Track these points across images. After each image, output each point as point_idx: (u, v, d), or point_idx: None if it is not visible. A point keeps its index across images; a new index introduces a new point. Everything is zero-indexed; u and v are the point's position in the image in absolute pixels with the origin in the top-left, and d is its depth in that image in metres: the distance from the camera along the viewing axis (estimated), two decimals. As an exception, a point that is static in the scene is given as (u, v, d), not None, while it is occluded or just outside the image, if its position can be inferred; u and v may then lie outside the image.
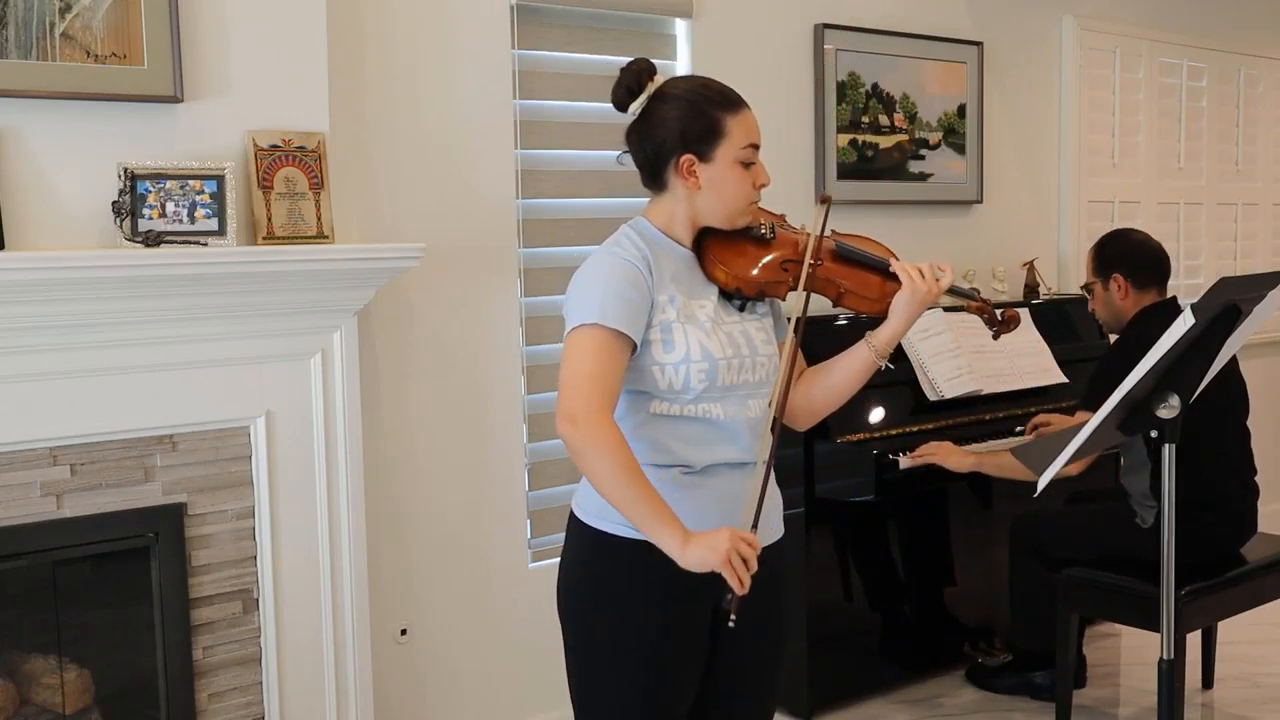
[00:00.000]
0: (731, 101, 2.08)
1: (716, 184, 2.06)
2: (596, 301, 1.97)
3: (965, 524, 4.13)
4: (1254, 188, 5.74)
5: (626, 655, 2.06)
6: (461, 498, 3.42)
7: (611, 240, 2.09)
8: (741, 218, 2.11)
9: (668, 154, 2.06)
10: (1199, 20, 5.37)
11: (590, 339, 1.96)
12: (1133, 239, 3.67)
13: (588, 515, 2.10)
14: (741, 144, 2.06)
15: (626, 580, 2.05)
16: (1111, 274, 3.60)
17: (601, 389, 1.93)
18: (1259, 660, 4.21)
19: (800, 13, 4.05)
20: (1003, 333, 2.30)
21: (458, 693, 3.45)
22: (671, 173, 2.08)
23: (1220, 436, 3.52)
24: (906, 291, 2.12)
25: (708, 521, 2.01)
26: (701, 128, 2.05)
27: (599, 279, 2.01)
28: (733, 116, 2.06)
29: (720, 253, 2.11)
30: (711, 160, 2.05)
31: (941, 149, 4.45)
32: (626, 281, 2.00)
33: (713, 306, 2.09)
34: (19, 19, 2.53)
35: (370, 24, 3.18)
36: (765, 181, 2.10)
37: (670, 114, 2.06)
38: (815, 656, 3.72)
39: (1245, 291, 2.40)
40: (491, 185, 3.41)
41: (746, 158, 2.07)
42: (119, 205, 2.62)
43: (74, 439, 2.63)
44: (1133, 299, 3.57)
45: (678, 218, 2.10)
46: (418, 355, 3.32)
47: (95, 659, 2.80)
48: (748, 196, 2.09)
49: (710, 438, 2.05)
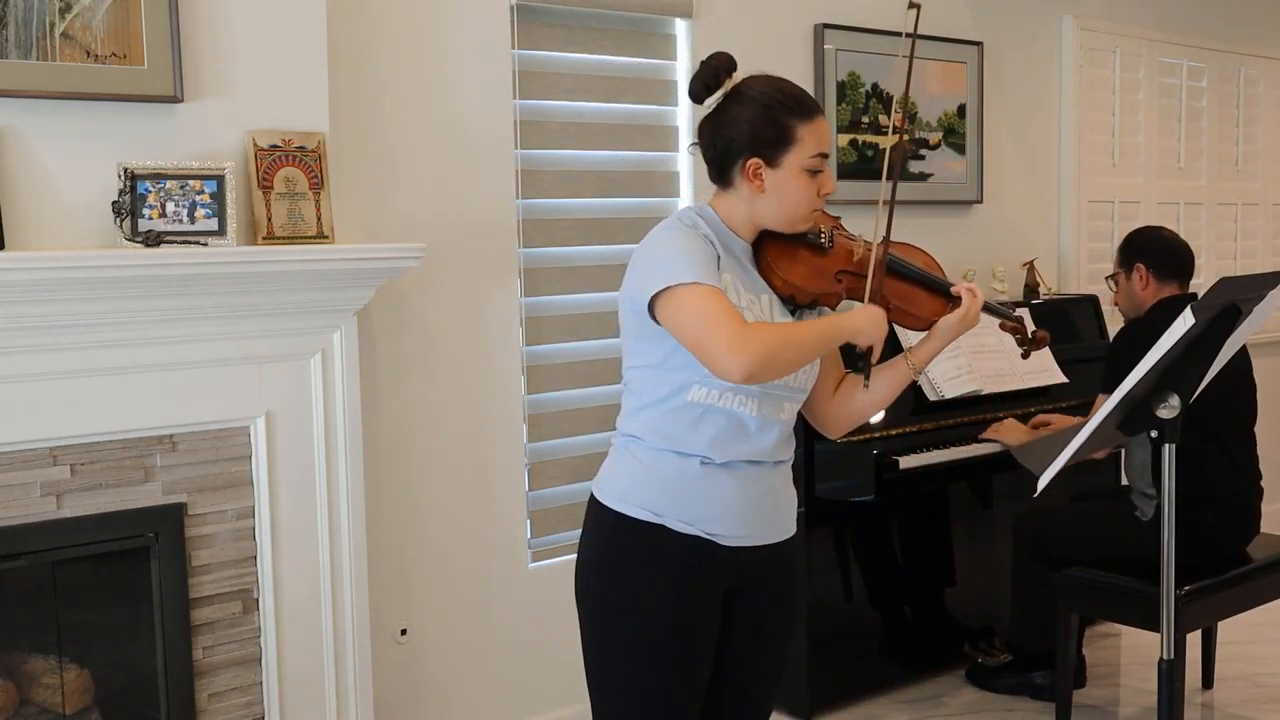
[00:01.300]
0: (806, 109, 2.06)
1: (781, 190, 2.06)
2: (676, 265, 1.97)
3: (965, 524, 4.13)
4: (1254, 188, 5.74)
5: (640, 637, 2.07)
6: (461, 498, 3.42)
7: (676, 217, 2.09)
8: (802, 224, 2.11)
9: (736, 154, 2.06)
10: (1199, 20, 5.37)
11: (692, 296, 1.95)
12: (1160, 234, 3.75)
13: (608, 498, 2.11)
14: (811, 152, 2.05)
15: (642, 563, 2.07)
16: (1135, 264, 3.65)
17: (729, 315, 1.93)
18: (1259, 660, 4.21)
19: (800, 13, 4.05)
20: (1032, 351, 2.29)
21: (457, 693, 3.45)
22: (738, 173, 2.07)
23: (1225, 435, 3.52)
24: (959, 313, 2.12)
25: (731, 510, 2.07)
26: (773, 133, 2.04)
27: (675, 246, 2.01)
28: (805, 124, 2.05)
29: (777, 258, 2.11)
30: (779, 166, 2.05)
31: (941, 149, 4.45)
32: (700, 246, 2.01)
33: (769, 301, 2.10)
34: (19, 19, 2.53)
35: (370, 24, 3.18)
36: (830, 189, 2.10)
37: (743, 115, 2.05)
38: (815, 656, 3.72)
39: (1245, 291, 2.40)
40: (491, 185, 3.41)
41: (814, 166, 2.06)
42: (119, 205, 2.62)
43: (74, 439, 2.63)
44: (1153, 289, 3.61)
45: (738, 216, 2.11)
46: (418, 355, 3.31)
47: (95, 659, 2.80)
48: (810, 204, 2.09)
49: (735, 436, 2.06)
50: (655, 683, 2.07)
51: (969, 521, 4.15)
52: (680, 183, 3.84)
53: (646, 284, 2.00)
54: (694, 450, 2.05)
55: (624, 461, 2.12)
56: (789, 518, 2.20)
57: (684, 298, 1.96)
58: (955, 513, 4.10)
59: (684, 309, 1.96)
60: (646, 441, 2.08)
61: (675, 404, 2.05)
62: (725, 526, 2.07)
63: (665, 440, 2.06)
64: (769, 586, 2.17)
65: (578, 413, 3.63)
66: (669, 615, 2.06)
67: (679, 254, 1.99)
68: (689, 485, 2.05)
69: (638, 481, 2.08)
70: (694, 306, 1.95)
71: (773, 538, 2.15)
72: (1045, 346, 2.28)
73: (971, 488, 4.14)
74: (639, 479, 2.08)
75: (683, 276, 1.96)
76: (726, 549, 2.08)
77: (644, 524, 2.06)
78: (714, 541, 2.07)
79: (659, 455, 2.06)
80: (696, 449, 2.05)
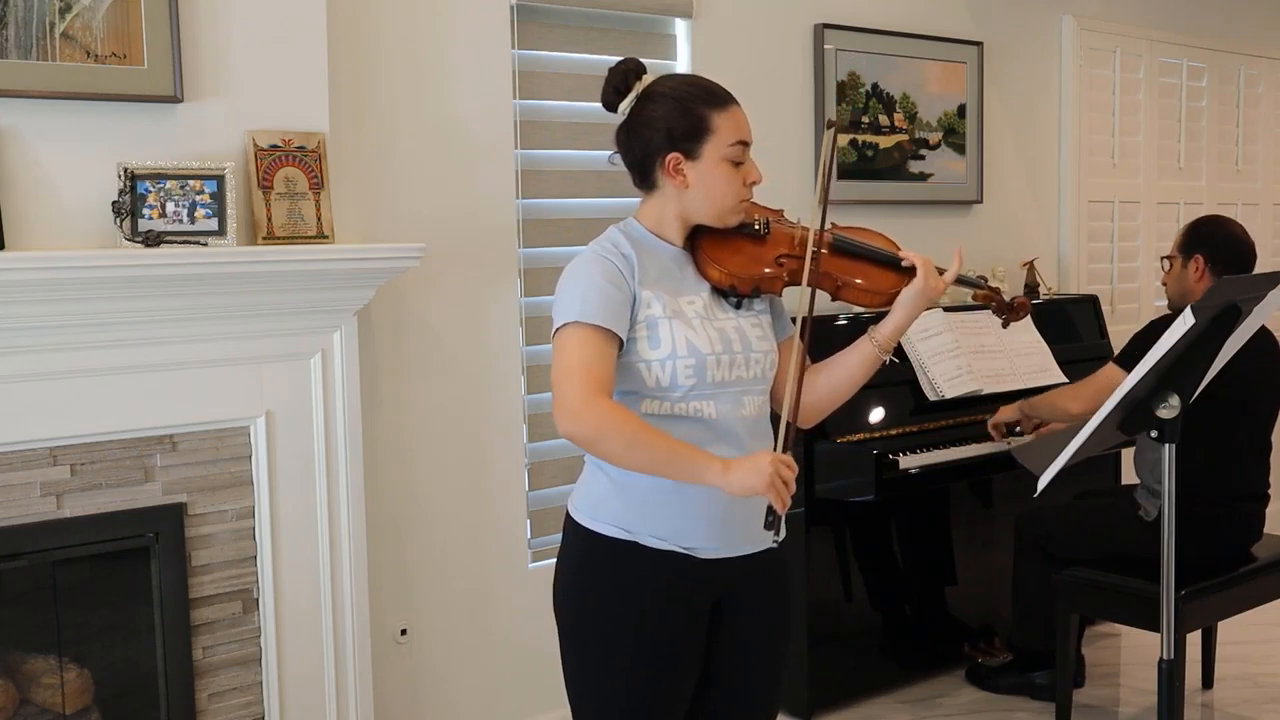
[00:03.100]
0: (719, 98, 2.05)
1: (704, 182, 2.04)
2: (576, 301, 1.98)
3: (965, 524, 4.13)
4: (1254, 188, 5.74)
5: (616, 654, 2.06)
6: (461, 498, 3.42)
7: (597, 241, 2.08)
8: (732, 216, 2.09)
9: (655, 153, 2.05)
10: (1199, 20, 5.37)
11: (572, 337, 1.96)
12: (1230, 229, 3.67)
13: (581, 515, 2.10)
14: (729, 141, 2.03)
15: (615, 580, 2.06)
16: (1194, 253, 3.60)
17: (591, 375, 1.93)
18: (1259, 660, 4.21)
19: (800, 13, 4.05)
20: (1012, 320, 2.26)
21: (457, 693, 3.45)
22: (660, 172, 2.06)
23: (1236, 434, 3.51)
24: (919, 283, 2.09)
25: (705, 518, 2.03)
26: (687, 126, 2.02)
27: (579, 279, 2.01)
28: (720, 113, 2.04)
29: (713, 250, 2.09)
30: (699, 158, 2.03)
31: (941, 149, 4.45)
32: (604, 278, 1.99)
33: (703, 303, 2.07)
34: (19, 19, 2.53)
35: (370, 24, 3.18)
36: (756, 179, 2.08)
37: (656, 113, 2.04)
38: (815, 656, 3.72)
39: (1245, 291, 2.40)
40: (491, 185, 3.41)
41: (735, 155, 2.04)
42: (119, 205, 2.62)
43: (74, 439, 2.63)
44: (1207, 283, 3.54)
45: (667, 217, 2.09)
46: (418, 355, 3.31)
47: (95, 659, 2.80)
48: (737, 194, 2.07)
49: (703, 438, 2.02)
50: (630, 698, 2.06)
51: (969, 521, 4.14)
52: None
53: (554, 317, 2.01)
54: None
55: (595, 477, 2.10)
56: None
57: (562, 341, 1.98)
58: (955, 513, 4.10)
59: (555, 355, 1.98)
60: None
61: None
62: (701, 539, 2.04)
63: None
64: (756, 597, 2.14)
65: (578, 413, 3.62)
66: (643, 631, 2.04)
67: (582, 289, 1.99)
68: (661, 500, 2.01)
69: (608, 498, 2.06)
70: (563, 353, 1.96)
71: (756, 546, 2.11)
72: (1026, 315, 2.25)
73: (972, 488, 4.13)
74: (609, 495, 2.06)
75: (567, 316, 1.97)
76: (704, 562, 2.05)
77: (616, 541, 2.04)
78: (690, 555, 2.04)
79: (628, 471, 2.02)
80: None
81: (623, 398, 2.04)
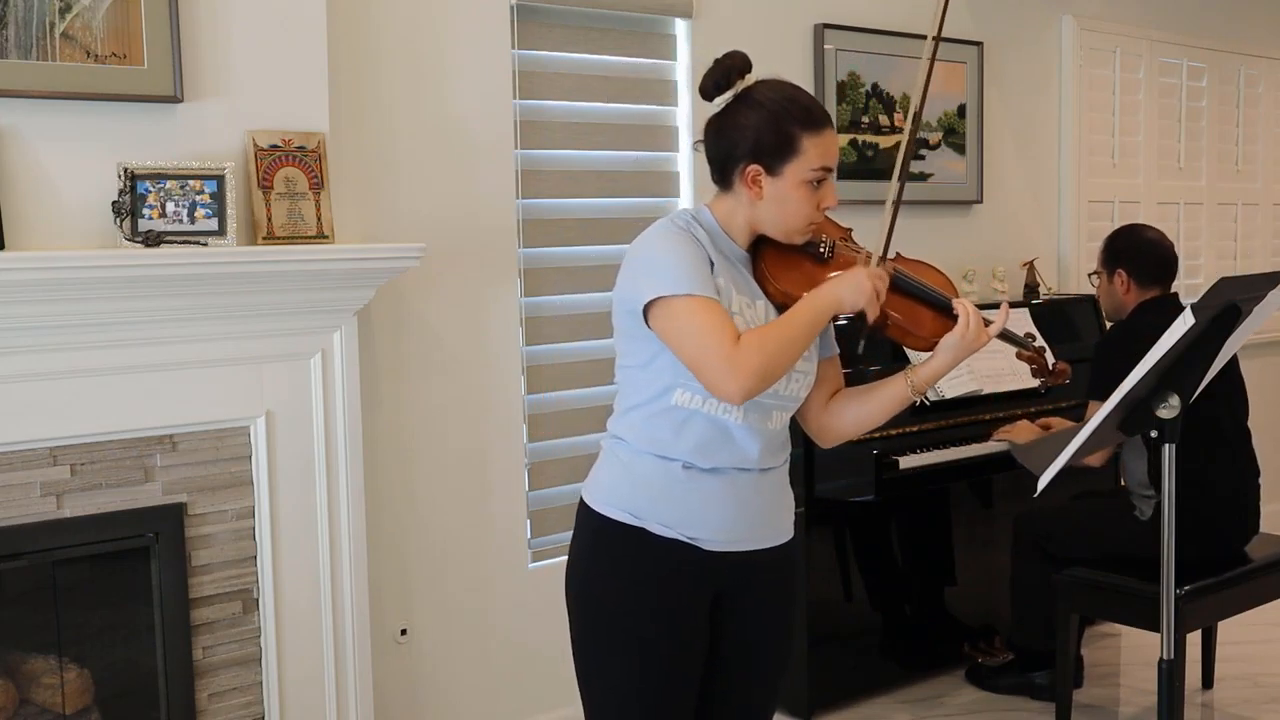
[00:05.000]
0: (815, 120, 2.02)
1: (779, 199, 2.03)
2: (671, 274, 1.95)
3: (966, 524, 4.13)
4: (1254, 188, 5.74)
5: (622, 639, 2.07)
6: (461, 498, 3.42)
7: (670, 218, 2.06)
8: (799, 236, 2.08)
9: (737, 159, 2.03)
10: (1199, 20, 5.37)
11: (687, 310, 1.94)
12: (1144, 237, 3.71)
13: (593, 500, 2.11)
14: (814, 165, 2.01)
15: (624, 566, 2.06)
16: (1116, 269, 3.66)
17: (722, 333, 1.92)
18: (1259, 660, 4.21)
19: (800, 13, 4.05)
20: (1050, 385, 2.21)
21: (458, 693, 3.45)
22: (737, 178, 2.04)
23: (1225, 431, 3.53)
24: (957, 334, 2.05)
25: (713, 515, 2.04)
26: (776, 141, 2.00)
27: (665, 251, 1.98)
28: (811, 136, 2.01)
29: (773, 265, 2.08)
30: (779, 175, 2.01)
31: (941, 149, 4.45)
32: (692, 252, 1.98)
33: (759, 310, 2.06)
34: (19, 19, 2.53)
35: (370, 24, 3.18)
36: (831, 204, 2.06)
37: (749, 120, 2.01)
38: (815, 656, 3.72)
39: (1245, 291, 2.40)
40: (491, 185, 3.41)
41: (816, 178, 2.03)
42: (119, 205, 2.62)
43: (74, 439, 2.63)
44: (1134, 294, 3.64)
45: (737, 220, 2.08)
46: (418, 355, 3.31)
47: (95, 659, 2.80)
48: (809, 217, 2.05)
49: (719, 442, 2.03)
50: (639, 684, 2.06)
51: (969, 521, 4.14)
52: (680, 183, 3.84)
53: (641, 288, 1.98)
54: (677, 455, 2.03)
55: (609, 464, 2.11)
56: (781, 522, 2.16)
57: (678, 311, 1.94)
58: (955, 513, 4.10)
59: (678, 323, 1.95)
60: (631, 444, 2.07)
61: (660, 406, 2.04)
62: (707, 531, 2.04)
63: (649, 443, 2.04)
64: (759, 594, 2.14)
65: (577, 413, 3.63)
66: (651, 618, 2.05)
67: (673, 260, 1.96)
68: (670, 488, 2.02)
69: (620, 484, 2.07)
70: (687, 323, 1.94)
71: (762, 543, 2.11)
72: (1064, 381, 2.19)
73: (971, 488, 4.13)
74: (622, 482, 2.07)
75: (677, 287, 1.94)
76: (709, 554, 2.05)
77: (625, 527, 2.05)
78: (695, 546, 2.04)
79: (641, 458, 2.05)
80: (679, 453, 2.03)
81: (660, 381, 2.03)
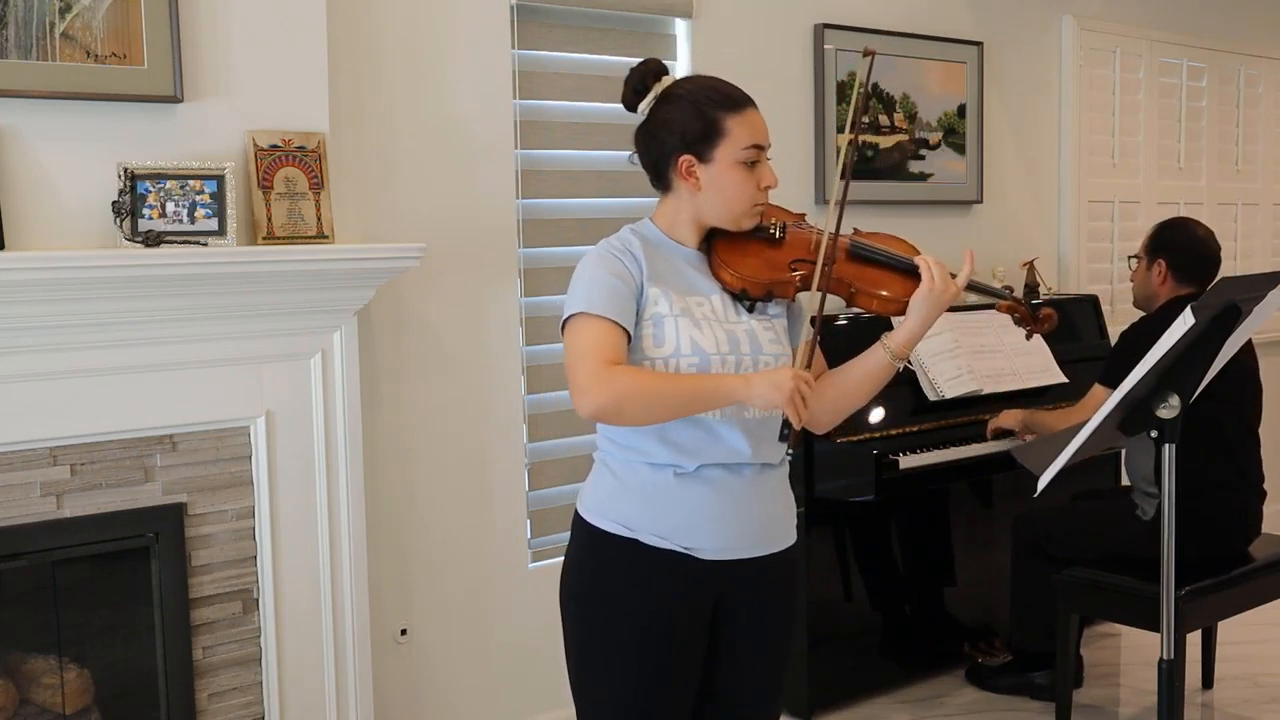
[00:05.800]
0: (735, 101, 2.05)
1: (718, 185, 2.05)
2: (582, 294, 2.00)
3: (965, 524, 4.13)
4: (1254, 188, 5.74)
5: (620, 651, 2.06)
6: (461, 498, 3.42)
7: (605, 241, 2.09)
8: (746, 219, 2.08)
9: (668, 154, 2.05)
10: (1199, 20, 5.37)
11: (578, 328, 1.99)
12: (1193, 233, 3.67)
13: (588, 512, 2.11)
14: (742, 144, 2.03)
15: (617, 577, 2.06)
16: (1158, 257, 3.63)
17: (601, 354, 1.94)
18: (1259, 660, 4.21)
19: (800, 13, 4.05)
20: (1037, 332, 2.19)
21: (458, 693, 3.45)
22: (673, 174, 2.07)
23: (1229, 434, 3.52)
24: (924, 288, 2.04)
25: (709, 524, 2.04)
26: (702, 128, 2.03)
27: (585, 274, 2.03)
28: (734, 117, 2.04)
29: (726, 253, 2.09)
30: (711, 161, 2.04)
31: (941, 149, 4.45)
32: (610, 272, 2.01)
33: (714, 304, 2.07)
34: (19, 19, 2.53)
35: (370, 24, 3.18)
36: (771, 183, 2.07)
37: (672, 115, 2.05)
38: (815, 656, 3.72)
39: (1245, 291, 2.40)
40: (491, 185, 3.41)
41: (749, 158, 2.04)
42: (119, 205, 2.62)
43: (74, 439, 2.63)
44: (1169, 288, 3.60)
45: (681, 219, 2.10)
46: (418, 355, 3.31)
47: (95, 659, 2.80)
48: (751, 198, 2.06)
49: (700, 440, 2.03)
50: (632, 697, 2.06)
51: (969, 521, 4.14)
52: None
53: (564, 309, 2.04)
54: (664, 460, 2.03)
55: (601, 474, 2.12)
56: (781, 528, 2.14)
57: (575, 327, 2.00)
58: (955, 513, 4.10)
59: (570, 338, 2.00)
60: (619, 454, 2.07)
61: None
62: (703, 540, 2.04)
63: (636, 453, 2.05)
64: (760, 598, 2.12)
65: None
66: (645, 629, 2.05)
67: (587, 282, 2.01)
68: (663, 497, 2.02)
69: (612, 495, 2.08)
70: (576, 338, 1.99)
71: (763, 550, 2.10)
72: (1052, 327, 2.18)
73: (971, 488, 4.13)
74: (613, 492, 2.08)
75: (586, 306, 1.98)
76: (707, 563, 2.05)
77: (618, 538, 2.05)
78: (691, 555, 2.04)
79: (631, 467, 2.06)
80: (666, 459, 2.03)
81: None
